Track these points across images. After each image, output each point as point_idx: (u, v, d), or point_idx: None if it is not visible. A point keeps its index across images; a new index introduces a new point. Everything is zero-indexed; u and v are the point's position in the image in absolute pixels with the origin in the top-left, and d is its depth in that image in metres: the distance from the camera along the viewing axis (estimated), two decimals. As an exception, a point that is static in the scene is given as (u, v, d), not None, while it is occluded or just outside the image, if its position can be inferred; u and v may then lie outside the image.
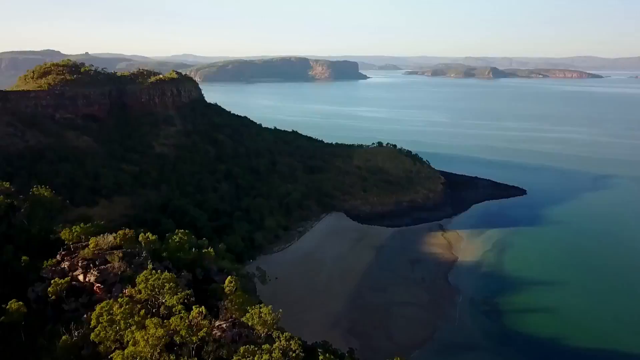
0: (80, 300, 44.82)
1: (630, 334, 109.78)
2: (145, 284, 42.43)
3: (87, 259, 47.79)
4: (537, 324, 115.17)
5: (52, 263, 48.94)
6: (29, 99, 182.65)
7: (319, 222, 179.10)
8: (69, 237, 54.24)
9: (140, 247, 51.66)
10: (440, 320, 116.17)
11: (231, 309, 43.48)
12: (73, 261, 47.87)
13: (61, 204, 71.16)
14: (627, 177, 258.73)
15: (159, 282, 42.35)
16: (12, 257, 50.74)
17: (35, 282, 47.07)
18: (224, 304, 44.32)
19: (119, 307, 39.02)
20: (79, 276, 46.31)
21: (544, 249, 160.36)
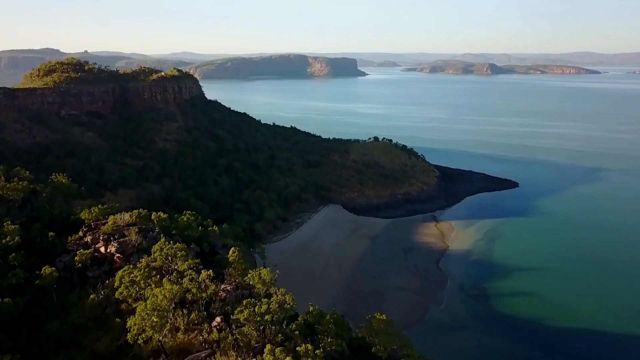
0: (102, 268, 51.19)
1: (609, 315, 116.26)
2: (160, 252, 48.77)
3: (107, 233, 54.14)
4: (522, 306, 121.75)
5: (76, 238, 55.29)
6: (36, 96, 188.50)
7: (316, 213, 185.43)
8: (88, 216, 60.56)
9: (153, 224, 57.99)
10: (430, 304, 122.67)
11: (235, 275, 49.83)
12: (95, 235, 54.21)
13: (77, 190, 77.35)
14: (617, 170, 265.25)
15: (172, 251, 48.73)
16: (39, 233, 57.07)
17: (62, 254, 53.44)
18: (228, 270, 50.68)
19: (139, 271, 45.36)
20: (101, 248, 52.64)
21: (532, 238, 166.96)
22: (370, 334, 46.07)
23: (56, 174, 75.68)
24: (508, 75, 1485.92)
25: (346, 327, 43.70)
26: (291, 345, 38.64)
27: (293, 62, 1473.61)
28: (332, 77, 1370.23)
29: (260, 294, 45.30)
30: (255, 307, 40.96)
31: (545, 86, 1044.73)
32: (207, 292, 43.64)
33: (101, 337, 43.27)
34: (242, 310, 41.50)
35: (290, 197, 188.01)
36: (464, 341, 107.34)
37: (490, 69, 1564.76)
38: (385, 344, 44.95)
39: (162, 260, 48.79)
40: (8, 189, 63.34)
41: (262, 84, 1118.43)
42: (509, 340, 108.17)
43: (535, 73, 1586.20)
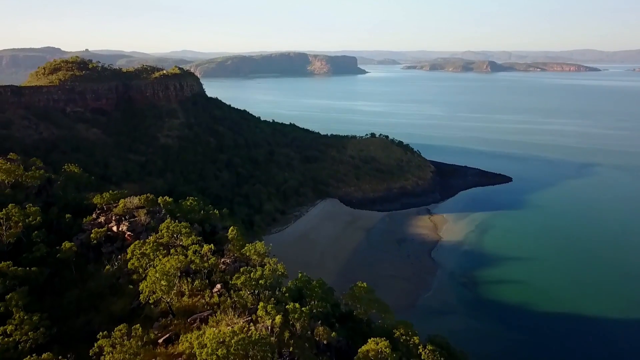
0: (115, 245, 57.20)
1: (590, 300, 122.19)
2: (166, 230, 54.83)
3: (119, 214, 60.16)
4: (508, 292, 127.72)
5: (90, 219, 61.33)
6: (42, 94, 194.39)
7: (314, 207, 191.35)
8: (100, 201, 66.51)
9: (159, 207, 63.97)
10: (421, 290, 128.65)
11: (233, 250, 55.84)
12: (107, 216, 60.24)
13: (88, 179, 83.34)
14: (609, 166, 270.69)
15: (177, 228, 54.78)
16: (56, 216, 63.02)
17: (78, 233, 59.40)
18: (227, 246, 56.68)
19: (148, 245, 51.34)
20: (113, 227, 58.65)
21: (522, 230, 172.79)
22: (353, 300, 52.04)
23: (68, 164, 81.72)
24: (508, 73, 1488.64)
25: (330, 291, 49.63)
26: (282, 308, 44.49)
27: (293, 60, 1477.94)
28: (332, 75, 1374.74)
29: (255, 264, 51.34)
30: (251, 273, 47.05)
31: (544, 84, 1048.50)
32: (209, 263, 49.70)
33: (116, 301, 49.26)
34: (239, 276, 47.61)
35: (288, 191, 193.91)
36: (452, 324, 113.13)
37: (490, 67, 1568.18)
38: (366, 308, 50.97)
39: (168, 236, 54.86)
40: (27, 177, 69.30)
41: (262, 82, 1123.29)
42: (495, 324, 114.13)
43: (535, 70, 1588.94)
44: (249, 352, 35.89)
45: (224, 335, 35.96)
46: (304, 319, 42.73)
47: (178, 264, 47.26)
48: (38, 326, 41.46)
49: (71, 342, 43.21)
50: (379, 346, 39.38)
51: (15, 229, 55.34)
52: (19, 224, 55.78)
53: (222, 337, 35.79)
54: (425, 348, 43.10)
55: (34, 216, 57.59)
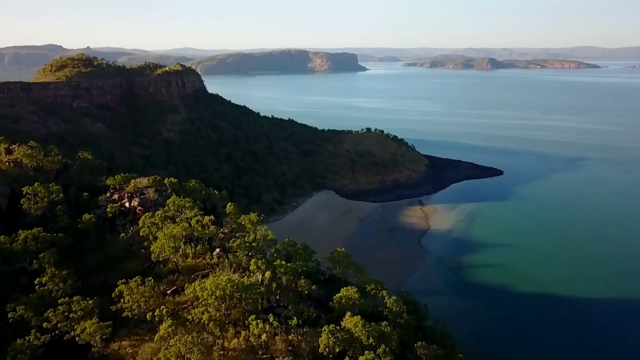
0: (127, 218, 65.54)
1: (566, 282, 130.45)
2: (172, 204, 63.13)
3: (130, 192, 68.52)
4: (490, 276, 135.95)
5: (105, 197, 69.71)
6: (49, 90, 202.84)
7: (310, 198, 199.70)
8: (112, 182, 74.88)
9: (165, 186, 72.29)
10: (408, 273, 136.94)
11: (231, 222, 64.12)
12: (120, 194, 68.62)
13: (100, 165, 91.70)
14: (598, 160, 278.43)
15: (182, 203, 63.10)
16: (75, 194, 71.34)
17: (95, 209, 67.73)
18: (226, 219, 64.97)
19: (157, 216, 59.65)
20: (126, 203, 67.00)
21: (509, 219, 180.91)
22: (333, 262, 60.41)
23: (82, 152, 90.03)
24: (508, 70, 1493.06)
25: (312, 253, 57.97)
26: (271, 265, 52.69)
27: (294, 57, 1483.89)
28: (333, 72, 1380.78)
29: (249, 231, 59.63)
30: (245, 237, 55.40)
31: (543, 80, 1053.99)
32: (209, 230, 58.00)
33: (130, 263, 57.64)
34: (235, 240, 55.98)
35: (286, 183, 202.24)
36: (436, 303, 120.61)
37: (490, 64, 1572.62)
38: (344, 269, 59.31)
39: (174, 210, 63.19)
40: (47, 162, 77.64)
41: (263, 79, 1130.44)
42: (476, 303, 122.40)
43: (534, 68, 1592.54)
44: (242, 295, 44.27)
45: (222, 282, 44.27)
46: (289, 274, 51.05)
47: (183, 230, 55.58)
48: (66, 279, 49.84)
49: (93, 294, 51.55)
50: (349, 292, 47.72)
51: (42, 203, 63.73)
52: (44, 199, 64.14)
53: (220, 283, 44.09)
54: (390, 298, 51.36)
55: (56, 193, 65.88)
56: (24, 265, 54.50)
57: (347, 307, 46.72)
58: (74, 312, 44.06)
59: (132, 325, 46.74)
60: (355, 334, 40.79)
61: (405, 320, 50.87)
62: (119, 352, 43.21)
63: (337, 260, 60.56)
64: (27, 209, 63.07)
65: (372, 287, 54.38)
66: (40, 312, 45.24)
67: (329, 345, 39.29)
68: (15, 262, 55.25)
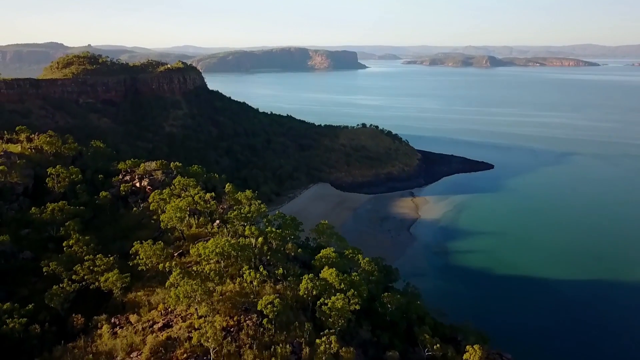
0: (138, 196, 74.59)
1: (544, 266, 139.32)
2: (178, 184, 72.14)
3: (140, 174, 77.61)
4: (474, 260, 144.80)
5: (118, 178, 78.76)
6: (57, 86, 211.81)
7: (306, 190, 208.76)
8: (124, 166, 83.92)
9: (171, 169, 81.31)
10: (396, 258, 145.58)
11: (229, 199, 73.16)
12: (132, 175, 77.71)
13: (111, 153, 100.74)
14: (588, 155, 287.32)
15: (187, 182, 72.11)
16: (91, 176, 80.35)
17: (109, 188, 76.74)
18: (225, 197, 74.02)
19: (165, 193, 68.66)
20: (137, 183, 76.05)
21: (496, 209, 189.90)
22: (318, 233, 69.44)
23: (95, 141, 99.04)
24: (507, 68, 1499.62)
25: (299, 224, 66.92)
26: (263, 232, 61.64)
27: (294, 55, 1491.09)
28: (333, 70, 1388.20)
29: (245, 205, 68.65)
30: (241, 209, 64.47)
31: (541, 78, 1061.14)
32: (210, 205, 67.05)
33: (142, 232, 66.62)
34: (232, 212, 65.04)
35: (283, 175, 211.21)
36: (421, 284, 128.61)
37: (489, 62, 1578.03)
38: (327, 239, 68.31)
39: (179, 188, 72.22)
40: (65, 148, 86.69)
41: (263, 76, 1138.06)
42: (459, 285, 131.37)
43: (534, 65, 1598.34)
44: (238, 254, 53.36)
45: (221, 242, 53.33)
46: (279, 239, 60.08)
47: (187, 204, 64.66)
48: (89, 243, 58.93)
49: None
50: (327, 252, 56.79)
51: (63, 183, 72.77)
52: (65, 179, 73.18)
53: (220, 243, 53.13)
54: (364, 259, 60.41)
55: (75, 175, 74.95)
56: (51, 233, 63.59)
57: (326, 265, 55.67)
58: (98, 266, 53.13)
59: (145, 280, 55.87)
60: (330, 281, 49.78)
61: (376, 277, 59.88)
62: (135, 300, 52.22)
63: (321, 231, 69.64)
64: (52, 187, 72.10)
65: (349, 251, 63.41)
66: (69, 268, 54.22)
67: (308, 289, 48.28)
68: (43, 231, 64.41)
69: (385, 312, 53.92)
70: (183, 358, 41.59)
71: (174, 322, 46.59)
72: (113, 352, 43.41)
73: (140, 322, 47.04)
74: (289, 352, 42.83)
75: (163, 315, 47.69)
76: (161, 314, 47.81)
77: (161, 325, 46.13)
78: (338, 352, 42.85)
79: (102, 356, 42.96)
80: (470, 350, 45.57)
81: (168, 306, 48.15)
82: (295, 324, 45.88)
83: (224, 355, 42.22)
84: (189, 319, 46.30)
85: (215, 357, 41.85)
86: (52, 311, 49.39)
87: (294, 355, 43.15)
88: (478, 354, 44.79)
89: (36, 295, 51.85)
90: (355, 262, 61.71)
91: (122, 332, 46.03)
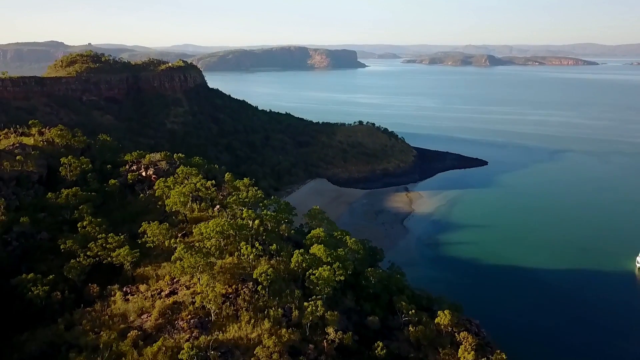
0: (144, 184, 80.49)
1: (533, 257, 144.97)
2: (181, 172, 78.08)
3: (146, 164, 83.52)
4: (463, 251, 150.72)
5: (125, 168, 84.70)
6: (61, 84, 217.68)
7: (304, 185, 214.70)
8: (130, 158, 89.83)
9: (174, 160, 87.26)
10: (389, 249, 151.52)
11: (228, 187, 79.15)
12: (138, 165, 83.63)
13: (117, 146, 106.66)
14: (580, 152, 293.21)
15: (189, 171, 78.05)
16: (100, 166, 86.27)
17: (117, 177, 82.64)
18: (224, 185, 79.98)
19: (169, 181, 74.61)
20: (142, 172, 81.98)
21: (487, 204, 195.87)
22: (310, 218, 75.44)
23: (102, 134, 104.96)
24: (506, 67, 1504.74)
25: (292, 209, 72.93)
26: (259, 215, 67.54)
27: (294, 54, 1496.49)
28: (332, 69, 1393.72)
29: (243, 191, 74.66)
30: (239, 194, 70.47)
31: (539, 77, 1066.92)
32: (211, 191, 73.02)
33: (148, 217, 72.52)
34: (231, 197, 71.04)
35: (281, 171, 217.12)
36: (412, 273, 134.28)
37: (488, 61, 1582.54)
38: (318, 223, 74.26)
39: (183, 177, 78.14)
40: (74, 141, 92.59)
41: (263, 75, 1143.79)
42: (448, 273, 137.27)
43: (533, 64, 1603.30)
44: (236, 233, 59.33)
45: (221, 222, 59.27)
46: (273, 221, 66.06)
47: (190, 190, 70.62)
48: (101, 225, 64.83)
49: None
50: (317, 232, 62.78)
51: (75, 171, 78.68)
52: (77, 168, 79.07)
53: (220, 222, 59.08)
54: (351, 239, 66.42)
55: (86, 164, 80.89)
56: (65, 217, 69.49)
57: (315, 243, 61.66)
58: (110, 244, 59.08)
59: (152, 257, 61.83)
60: (318, 255, 55.77)
61: (361, 255, 65.89)
62: (144, 274, 58.23)
63: (313, 216, 75.64)
64: (64, 176, 78.00)
65: (338, 233, 69.40)
66: (83, 245, 60.15)
67: (299, 262, 54.26)
68: (58, 215, 70.30)
69: (368, 285, 59.84)
70: (188, 318, 47.69)
71: (179, 290, 52.64)
72: (126, 314, 49.48)
73: (149, 290, 53.10)
74: (280, 314, 48.87)
75: (169, 284, 53.72)
76: (168, 284, 53.84)
77: (168, 293, 52.18)
78: (324, 315, 48.82)
79: (117, 318, 49.03)
80: (441, 315, 51.58)
81: (174, 277, 54.21)
82: (287, 291, 51.89)
83: (223, 317, 48.35)
84: (192, 288, 52.38)
85: (215, 318, 47.95)
86: (69, 282, 55.38)
87: (285, 317, 49.17)
88: (448, 317, 50.78)
89: (53, 270, 57.67)
90: (343, 243, 67.63)
91: (134, 298, 52.11)
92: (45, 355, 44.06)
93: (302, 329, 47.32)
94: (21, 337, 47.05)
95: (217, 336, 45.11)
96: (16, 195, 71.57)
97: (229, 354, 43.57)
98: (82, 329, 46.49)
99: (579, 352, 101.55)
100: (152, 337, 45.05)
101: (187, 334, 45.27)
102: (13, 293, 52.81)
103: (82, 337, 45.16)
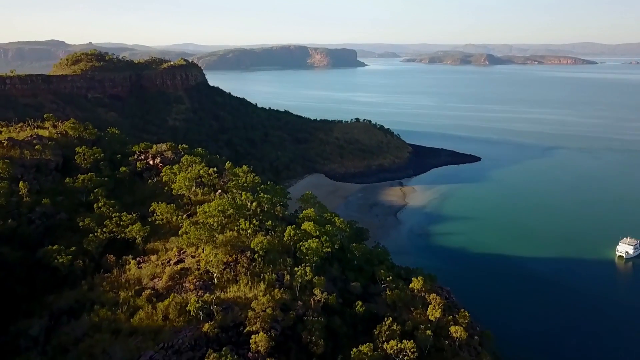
0: (152, 172, 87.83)
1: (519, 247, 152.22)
2: (186, 160, 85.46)
3: (153, 154, 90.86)
4: (452, 241, 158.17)
5: (134, 158, 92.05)
6: (67, 82, 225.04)
7: (302, 180, 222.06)
8: (138, 148, 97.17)
9: (179, 150, 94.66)
10: (382, 239, 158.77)
11: (229, 174, 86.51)
12: (146, 154, 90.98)
13: (124, 138, 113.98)
14: (573, 149, 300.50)
15: (193, 159, 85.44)
16: (110, 156, 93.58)
17: (127, 165, 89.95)
18: (225, 173, 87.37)
19: (175, 168, 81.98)
20: (150, 161, 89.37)
21: (478, 197, 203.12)
22: (303, 202, 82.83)
23: (111, 127, 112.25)
24: (505, 66, 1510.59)
25: (287, 192, 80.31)
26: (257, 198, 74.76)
27: (293, 53, 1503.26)
28: (332, 67, 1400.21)
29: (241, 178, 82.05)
30: (238, 180, 77.87)
31: (538, 76, 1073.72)
32: (213, 177, 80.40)
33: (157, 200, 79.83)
34: (231, 182, 78.42)
35: (280, 166, 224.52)
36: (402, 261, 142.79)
37: (487, 60, 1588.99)
38: (311, 206, 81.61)
39: (187, 165, 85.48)
40: (86, 133, 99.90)
41: (263, 74, 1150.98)
42: (437, 261, 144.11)
43: (532, 63, 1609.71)
44: (236, 212, 66.68)
45: (222, 202, 66.62)
46: (269, 203, 73.42)
47: (194, 176, 78.00)
48: (114, 206, 72.15)
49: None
50: (308, 212, 70.15)
51: (89, 160, 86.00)
52: (90, 157, 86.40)
53: (221, 202, 66.41)
54: (339, 219, 73.81)
55: (98, 154, 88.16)
56: (81, 199, 76.82)
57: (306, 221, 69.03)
58: (123, 221, 66.43)
59: (161, 234, 69.21)
60: (309, 230, 63.15)
61: (348, 233, 73.27)
62: (154, 248, 65.63)
63: (306, 200, 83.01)
64: (79, 164, 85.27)
65: (328, 214, 76.78)
66: (100, 223, 67.47)
67: (291, 236, 61.64)
68: (74, 198, 77.62)
69: (353, 259, 67.25)
70: (194, 281, 55.16)
71: (186, 258, 60.11)
72: (140, 278, 56.94)
73: (159, 260, 60.61)
74: (274, 279, 56.32)
75: (177, 254, 61.16)
76: (176, 254, 61.28)
77: (176, 261, 59.66)
78: (312, 279, 56.22)
79: (132, 281, 56.48)
80: (414, 281, 58.98)
81: (181, 248, 61.63)
82: (280, 260, 59.35)
83: (224, 281, 55.83)
84: (197, 257, 59.81)
85: (217, 282, 55.38)
86: (88, 255, 62.75)
87: (278, 281, 56.61)
88: (420, 282, 58.19)
89: (73, 245, 64.97)
90: (332, 222, 74.99)
91: (146, 266, 59.60)
92: (72, 309, 51.48)
93: (293, 290, 54.71)
94: (49, 298, 54.53)
95: (219, 295, 52.58)
96: (37, 180, 78.85)
97: (229, 309, 50.95)
98: (103, 290, 53.96)
99: (560, 334, 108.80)
100: (164, 296, 52.48)
101: (193, 293, 52.69)
102: (39, 263, 60.28)
103: (104, 296, 52.70)
